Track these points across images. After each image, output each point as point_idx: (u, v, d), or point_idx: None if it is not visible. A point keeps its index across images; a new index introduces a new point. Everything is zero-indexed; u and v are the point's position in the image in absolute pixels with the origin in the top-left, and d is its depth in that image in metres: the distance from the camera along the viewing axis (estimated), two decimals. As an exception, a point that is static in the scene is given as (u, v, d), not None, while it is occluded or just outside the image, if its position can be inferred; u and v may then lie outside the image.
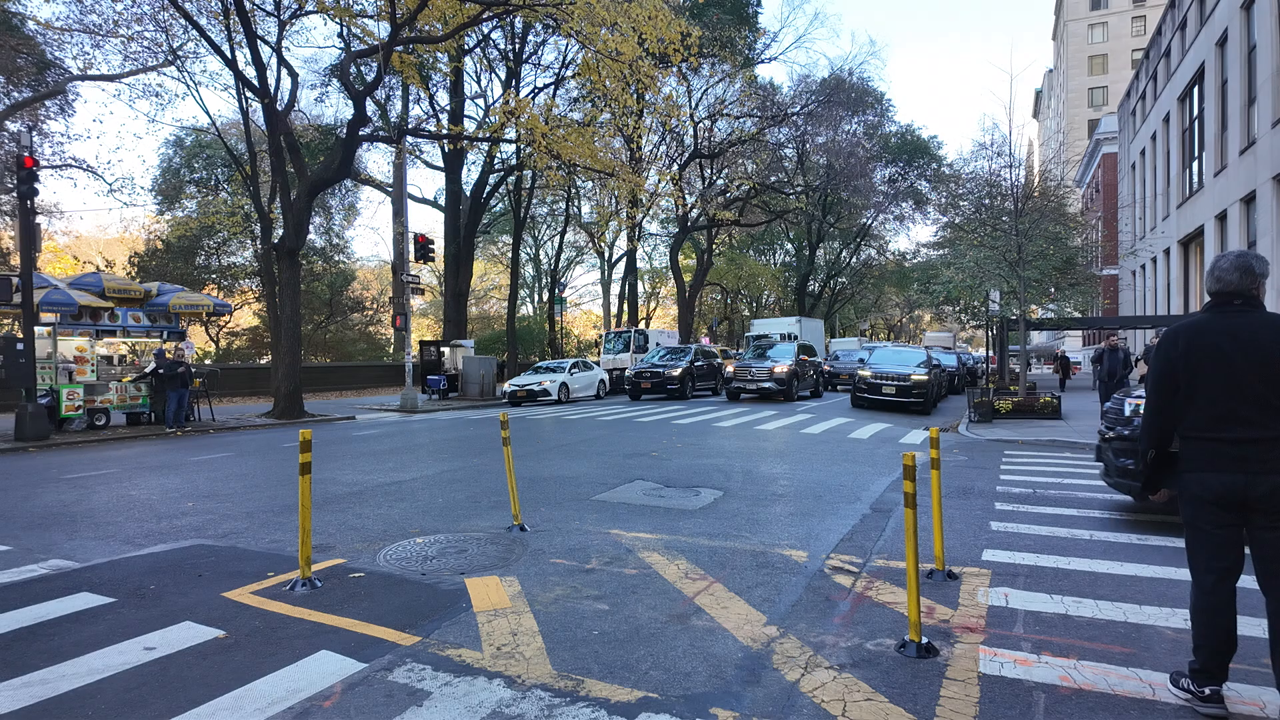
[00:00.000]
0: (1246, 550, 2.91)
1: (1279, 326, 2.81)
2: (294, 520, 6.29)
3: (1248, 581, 2.92)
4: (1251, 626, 3.48)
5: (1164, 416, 3.02)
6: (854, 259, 52.71)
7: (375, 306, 47.31)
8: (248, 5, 16.24)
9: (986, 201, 18.88)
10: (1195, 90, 22.96)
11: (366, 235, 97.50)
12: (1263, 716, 2.85)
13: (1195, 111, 23.13)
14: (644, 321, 51.85)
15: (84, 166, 23.01)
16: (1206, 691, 2.87)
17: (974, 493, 7.65)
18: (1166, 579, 4.58)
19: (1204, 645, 2.90)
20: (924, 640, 3.46)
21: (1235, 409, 2.82)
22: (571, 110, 29.36)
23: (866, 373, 18.78)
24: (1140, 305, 31.04)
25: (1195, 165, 23.20)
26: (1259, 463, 2.77)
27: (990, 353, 26.46)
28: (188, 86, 22.89)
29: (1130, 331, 28.56)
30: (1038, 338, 61.29)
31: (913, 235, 78.04)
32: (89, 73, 21.02)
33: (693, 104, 33.40)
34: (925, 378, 18.03)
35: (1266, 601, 2.83)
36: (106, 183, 23.36)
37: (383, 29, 18.86)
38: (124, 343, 16.08)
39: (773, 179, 39.03)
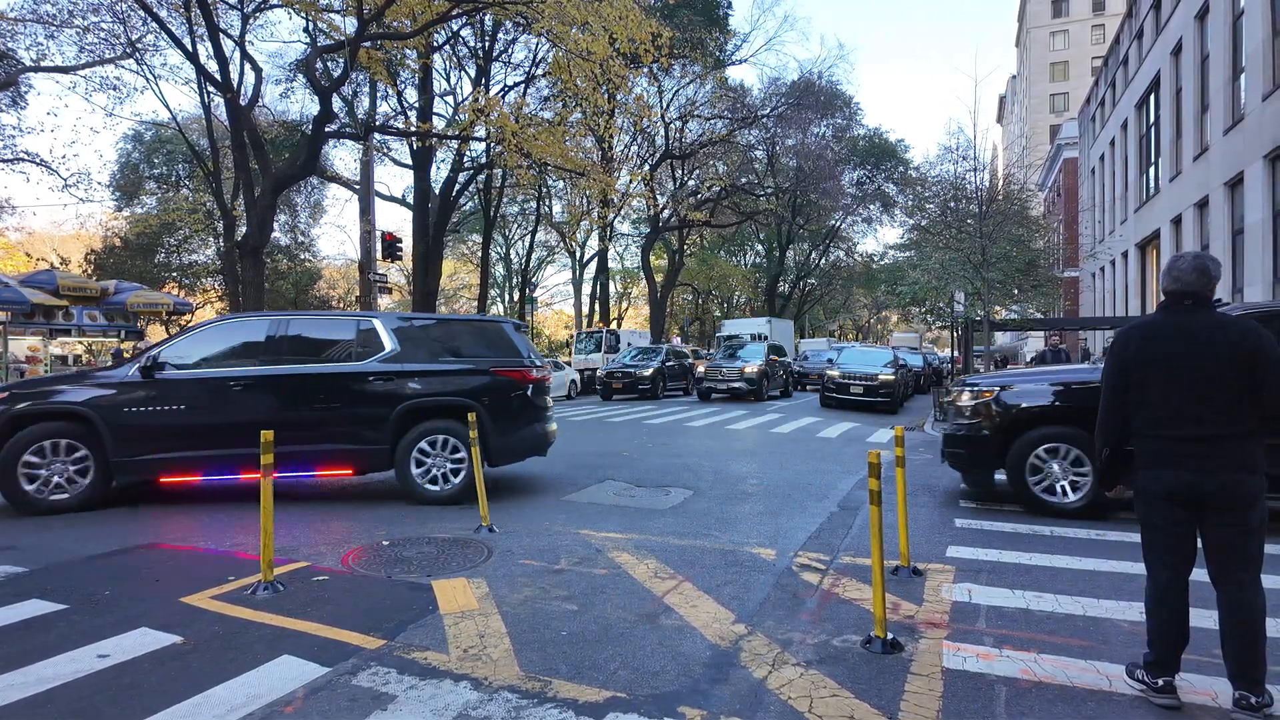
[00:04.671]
0: (1200, 544, 3.00)
1: (1229, 326, 2.89)
2: (256, 522, 6.16)
3: (1199, 574, 3.00)
4: (1203, 618, 3.58)
5: (1117, 415, 3.09)
6: (823, 260, 53.25)
7: (342, 306, 46.62)
8: (210, -3, 15.87)
9: (952, 204, 19.21)
10: (1152, 98, 23.61)
11: (333, 233, 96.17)
12: (1214, 706, 2.94)
13: (1152, 118, 23.79)
14: (616, 321, 51.81)
15: (37, 161, 22.22)
16: (1160, 683, 2.95)
17: (939, 490, 7.78)
18: (1123, 573, 4.70)
19: (1158, 638, 2.98)
20: (889, 636, 3.51)
21: (1186, 407, 2.90)
22: (542, 109, 29.21)
23: (835, 373, 19.01)
24: (1100, 307, 31.83)
25: (1152, 171, 23.87)
26: (1210, 460, 2.85)
27: (955, 353, 26.89)
28: (147, 80, 22.18)
29: (1091, 332, 29.28)
30: (1001, 339, 62.55)
31: (880, 237, 79.22)
32: (42, 64, 20.35)
33: (664, 105, 33.47)
34: (892, 378, 18.31)
35: (1217, 595, 2.92)
36: (61, 178, 22.59)
37: (349, 24, 18.57)
38: (80, 342, 15.65)
39: (743, 180, 39.27)
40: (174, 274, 36.55)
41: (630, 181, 31.19)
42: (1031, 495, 6.55)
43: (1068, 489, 6.47)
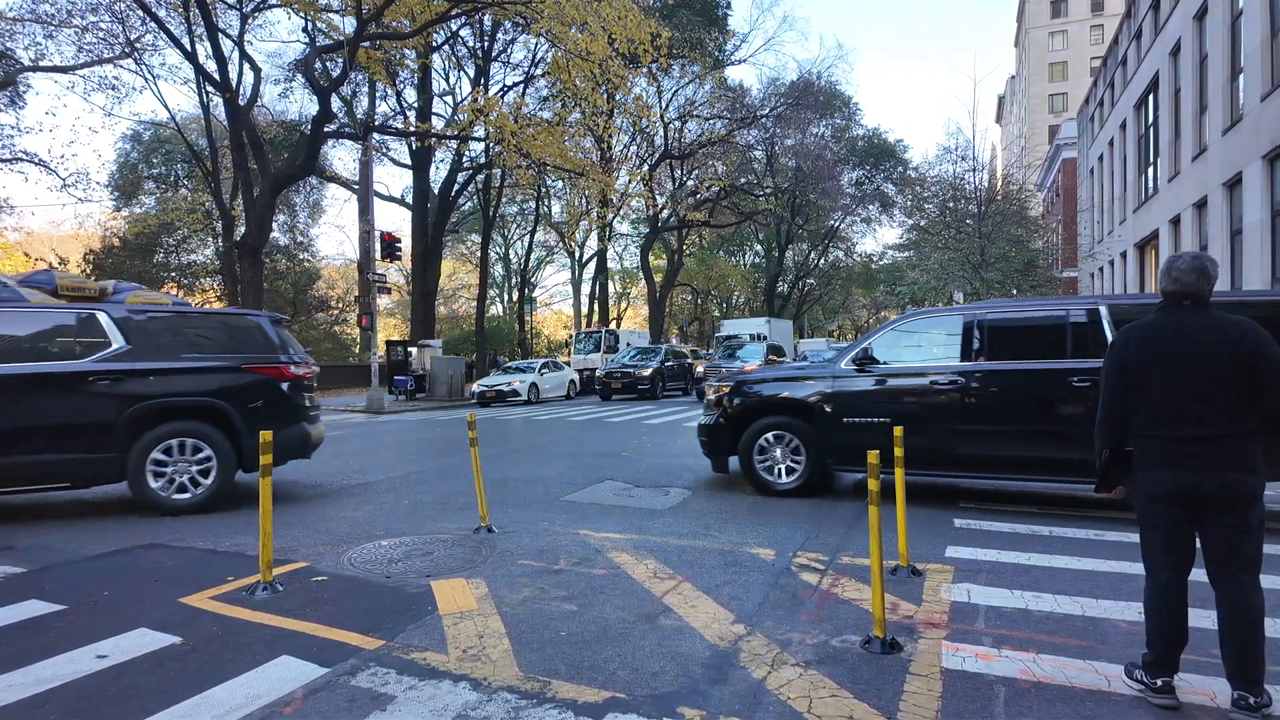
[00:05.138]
0: (1199, 545, 3.00)
1: (1227, 326, 2.89)
2: (255, 523, 6.16)
3: (1198, 574, 3.00)
4: (1202, 618, 3.58)
5: (1117, 415, 3.09)
6: (822, 260, 53.31)
7: (341, 306, 46.63)
8: (208, -3, 15.86)
9: (951, 204, 19.22)
10: (1150, 98, 23.63)
11: (332, 233, 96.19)
12: (1213, 706, 2.94)
13: (1150, 119, 23.81)
14: (615, 321, 51.85)
15: (36, 160, 22.22)
16: (1159, 683, 2.95)
17: (938, 489, 7.77)
18: (1122, 573, 4.70)
19: (1157, 638, 2.97)
20: (888, 636, 3.51)
21: (1185, 407, 2.90)
22: (541, 109, 29.23)
23: (834, 373, 18.98)
24: (1098, 307, 31.79)
25: (1150, 171, 23.88)
26: (1208, 460, 2.85)
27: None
28: (146, 80, 22.18)
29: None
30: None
31: (879, 237, 79.16)
32: (41, 64, 20.35)
33: (663, 105, 33.48)
34: (891, 378, 18.28)
35: (1216, 595, 2.92)
36: (60, 178, 22.58)
37: (349, 24, 18.58)
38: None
39: (742, 180, 39.29)
40: (173, 274, 36.57)
41: (629, 181, 31.20)
42: (757, 477, 7.35)
43: (784, 471, 7.29)
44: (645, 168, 33.69)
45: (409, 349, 26.24)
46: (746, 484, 8.11)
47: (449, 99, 30.07)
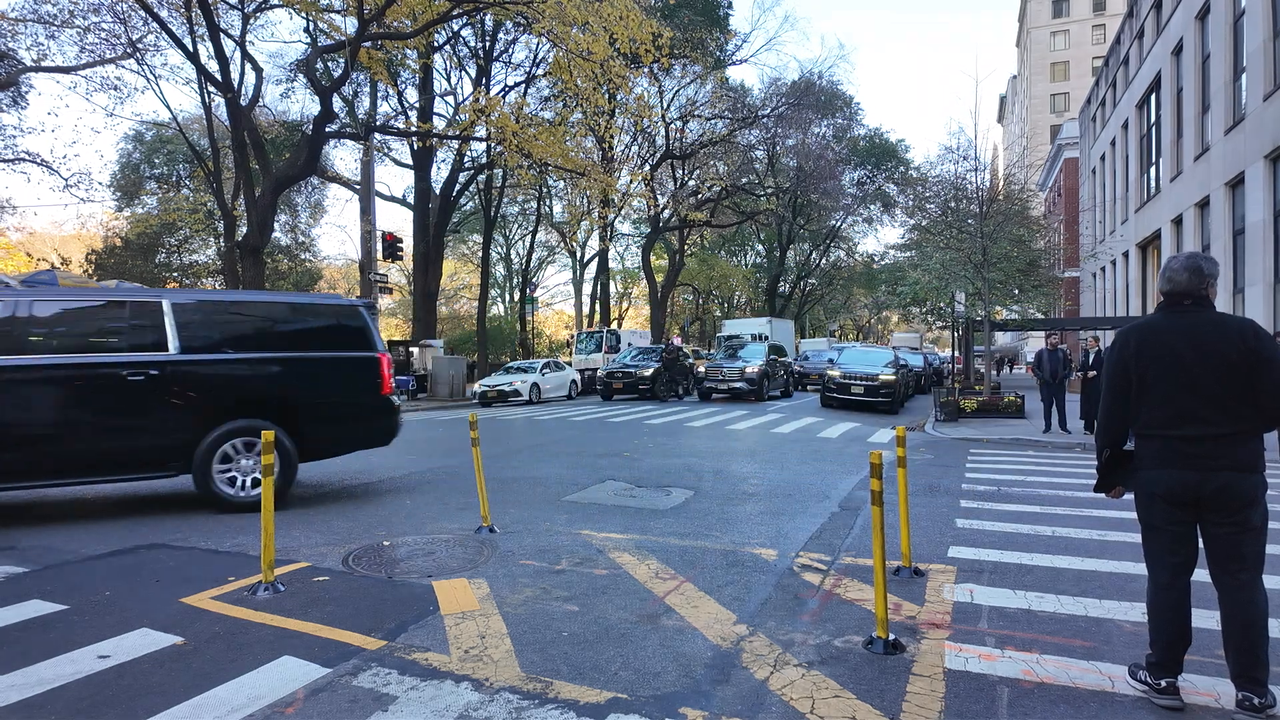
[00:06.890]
0: (1201, 545, 2.99)
1: (1227, 325, 2.88)
2: (256, 523, 6.15)
3: (1200, 574, 2.99)
4: (1205, 619, 3.57)
5: (1118, 416, 3.08)
6: (823, 260, 53.24)
7: (343, 306, 46.50)
8: (210, -3, 15.87)
9: (952, 204, 19.18)
10: (1152, 98, 23.59)
11: (333, 233, 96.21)
12: (1217, 707, 2.93)
13: (1152, 118, 23.77)
14: (616, 321, 51.79)
15: (38, 161, 22.21)
16: (1163, 684, 2.94)
17: (940, 490, 7.77)
18: (1125, 574, 4.69)
19: (1160, 639, 2.97)
20: (891, 637, 3.50)
21: (1187, 407, 2.89)
22: (543, 109, 29.25)
23: (836, 373, 18.99)
24: (1100, 307, 31.79)
25: (1152, 170, 23.84)
26: (1210, 459, 2.84)
27: (956, 353, 26.91)
28: (148, 80, 22.13)
29: (1090, 332, 29.22)
30: (1002, 339, 62.55)
31: (881, 237, 79.29)
32: (43, 64, 20.35)
33: (664, 105, 33.47)
34: (893, 378, 18.29)
35: (1219, 595, 2.91)
36: (62, 178, 22.58)
37: (350, 24, 18.60)
38: (80, 342, 15.61)
39: (743, 180, 39.28)
40: (175, 274, 36.57)
41: (630, 181, 31.20)
42: None
43: None
44: (646, 168, 33.67)
45: (410, 349, 26.23)
46: (747, 484, 8.11)
47: (450, 99, 30.07)
